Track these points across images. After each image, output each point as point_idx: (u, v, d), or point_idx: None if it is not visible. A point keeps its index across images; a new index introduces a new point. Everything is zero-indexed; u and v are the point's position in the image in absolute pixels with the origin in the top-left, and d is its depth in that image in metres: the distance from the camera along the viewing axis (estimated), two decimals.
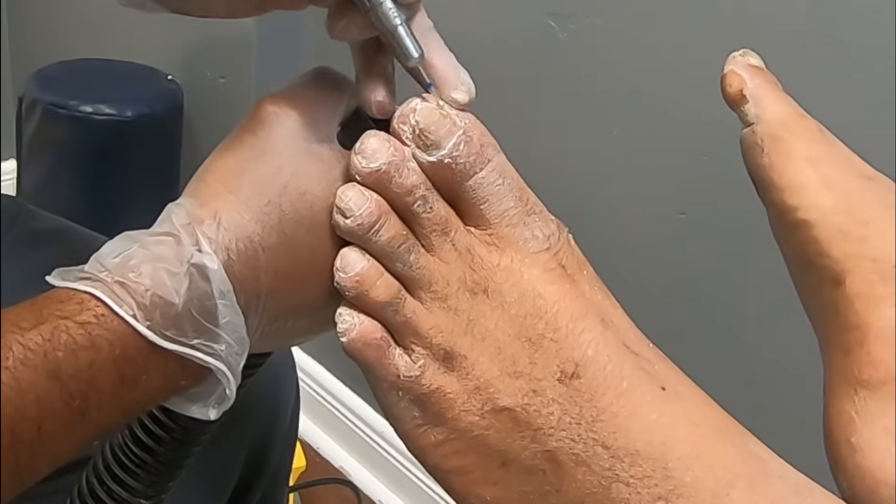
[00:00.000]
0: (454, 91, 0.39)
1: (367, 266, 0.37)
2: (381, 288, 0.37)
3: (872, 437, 0.34)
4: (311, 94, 0.41)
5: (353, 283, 0.37)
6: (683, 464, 0.34)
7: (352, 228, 0.37)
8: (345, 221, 0.37)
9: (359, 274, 0.37)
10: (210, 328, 0.35)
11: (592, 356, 0.36)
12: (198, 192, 0.38)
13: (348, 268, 0.38)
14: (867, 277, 0.35)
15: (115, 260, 0.35)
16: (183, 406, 0.38)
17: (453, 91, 0.39)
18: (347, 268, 0.38)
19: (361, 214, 0.37)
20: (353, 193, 0.37)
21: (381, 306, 0.38)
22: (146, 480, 0.43)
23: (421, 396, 0.37)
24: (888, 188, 0.36)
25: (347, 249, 0.38)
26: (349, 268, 0.37)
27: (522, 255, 0.38)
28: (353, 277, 0.37)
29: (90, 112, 1.42)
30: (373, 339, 0.38)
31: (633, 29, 0.98)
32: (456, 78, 0.39)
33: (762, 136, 0.37)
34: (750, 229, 0.83)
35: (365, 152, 0.37)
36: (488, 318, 0.37)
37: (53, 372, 0.32)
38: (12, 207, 0.71)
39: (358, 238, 0.38)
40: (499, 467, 0.37)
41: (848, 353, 0.35)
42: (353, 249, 0.38)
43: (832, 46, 0.84)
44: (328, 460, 1.46)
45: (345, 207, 0.37)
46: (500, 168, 0.38)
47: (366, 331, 0.38)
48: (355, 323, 0.38)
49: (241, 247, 0.36)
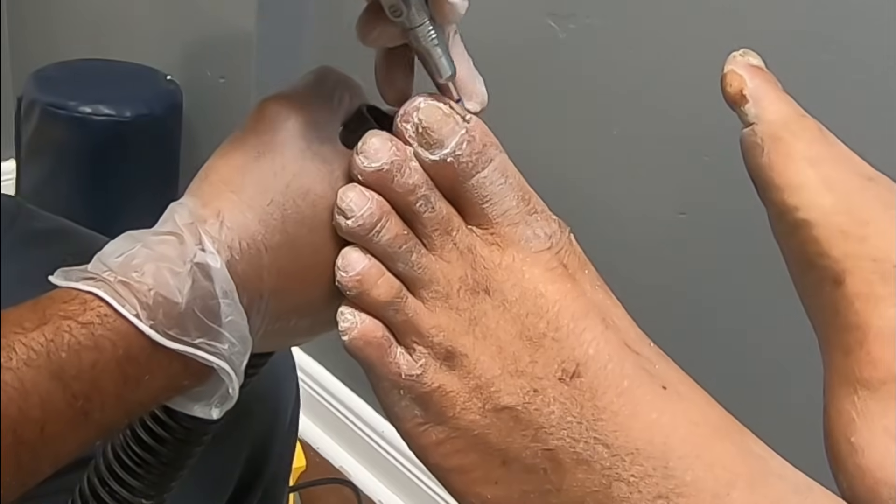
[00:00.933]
0: (468, 102, 0.39)
1: (369, 266, 0.38)
2: (382, 287, 0.37)
3: (872, 437, 0.34)
4: (313, 94, 0.41)
5: (355, 283, 0.38)
6: (684, 463, 0.34)
7: (353, 229, 0.37)
8: (346, 222, 0.37)
9: (360, 273, 0.37)
10: (213, 327, 0.35)
11: (593, 355, 0.36)
12: (200, 191, 0.38)
13: (349, 267, 0.38)
14: (867, 277, 0.35)
15: (118, 259, 0.35)
16: (186, 405, 0.38)
17: (468, 102, 0.39)
18: (348, 267, 0.38)
19: (363, 215, 0.37)
20: (353, 194, 0.37)
21: (383, 306, 0.38)
22: (148, 480, 0.43)
23: (422, 395, 0.38)
24: (888, 188, 0.37)
25: (348, 249, 0.38)
26: (350, 267, 0.38)
27: (524, 254, 0.38)
28: (355, 277, 0.37)
29: (89, 112, 1.42)
30: (374, 337, 0.38)
31: (633, 29, 0.98)
32: (473, 88, 0.39)
33: (762, 136, 0.37)
34: (750, 229, 0.83)
35: (367, 152, 0.37)
36: (489, 317, 0.37)
37: (57, 373, 0.32)
38: (12, 207, 0.71)
39: (359, 238, 0.38)
40: (499, 466, 0.37)
41: (848, 353, 0.35)
42: (354, 249, 0.38)
43: (832, 46, 0.84)
44: (328, 460, 1.46)
45: (346, 208, 0.37)
46: (503, 167, 0.38)
47: (367, 329, 0.38)
48: (357, 322, 0.38)
49: (244, 246, 0.36)
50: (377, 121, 0.41)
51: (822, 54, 0.84)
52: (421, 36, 0.37)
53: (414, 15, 0.36)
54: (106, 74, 1.53)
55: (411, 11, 0.36)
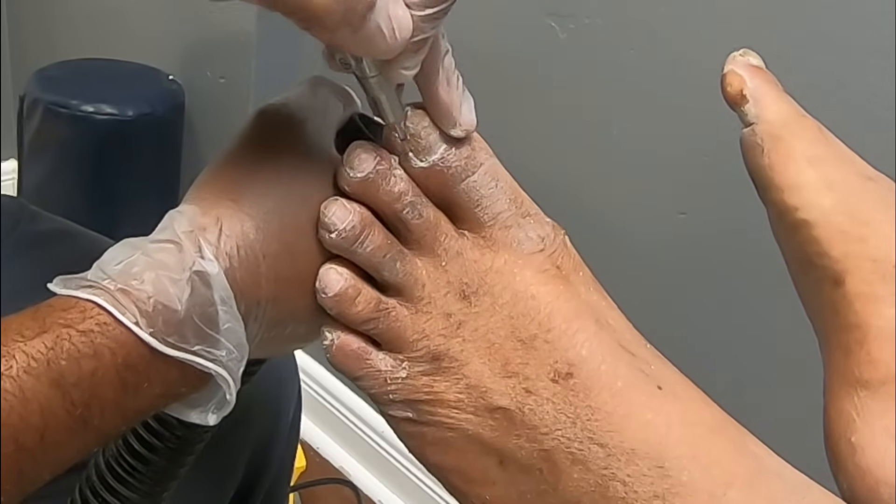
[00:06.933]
0: (451, 129, 0.38)
1: (345, 286, 0.38)
2: (360, 304, 0.38)
3: (872, 437, 0.34)
4: (308, 103, 0.41)
5: (333, 303, 0.38)
6: (680, 463, 0.34)
7: (336, 242, 0.38)
8: (329, 236, 0.38)
9: (337, 294, 0.38)
10: (211, 334, 0.35)
11: (586, 356, 0.36)
12: (199, 199, 0.38)
13: (327, 288, 0.38)
14: (867, 277, 0.35)
15: (118, 267, 0.35)
16: (183, 412, 0.38)
17: (451, 129, 0.38)
18: (326, 288, 0.38)
19: (345, 228, 0.38)
20: (335, 207, 0.38)
21: (363, 320, 0.38)
22: (141, 490, 0.42)
23: (411, 397, 0.38)
24: (888, 188, 0.37)
25: (324, 269, 0.39)
26: (328, 288, 0.38)
27: (516, 256, 0.38)
28: (333, 298, 0.38)
29: (91, 111, 1.42)
30: (351, 350, 0.39)
31: (633, 29, 0.98)
32: (456, 117, 0.38)
33: (762, 136, 0.37)
34: (750, 229, 0.83)
35: (352, 162, 0.38)
36: (479, 319, 0.37)
37: (56, 380, 0.32)
38: (14, 208, 0.71)
39: (343, 251, 0.38)
40: (496, 466, 0.37)
41: (848, 353, 0.35)
42: (330, 269, 0.38)
43: (832, 46, 0.84)
44: (328, 460, 1.46)
45: (329, 222, 0.38)
46: (493, 171, 0.39)
47: (343, 343, 0.39)
48: (333, 338, 0.39)
49: (243, 254, 0.37)
50: (369, 129, 0.42)
51: (822, 54, 0.84)
52: (367, 87, 0.38)
53: (364, 68, 0.37)
54: (108, 74, 1.53)
55: (361, 65, 0.37)
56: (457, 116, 0.38)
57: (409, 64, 0.36)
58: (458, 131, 0.38)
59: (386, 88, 0.38)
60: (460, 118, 0.38)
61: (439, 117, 0.38)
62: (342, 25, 0.32)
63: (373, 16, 0.32)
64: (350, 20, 0.32)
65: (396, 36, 0.33)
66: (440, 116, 0.38)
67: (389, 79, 0.37)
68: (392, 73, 0.37)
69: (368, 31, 0.33)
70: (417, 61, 0.36)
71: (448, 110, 0.38)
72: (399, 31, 0.33)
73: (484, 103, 0.40)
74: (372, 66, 0.37)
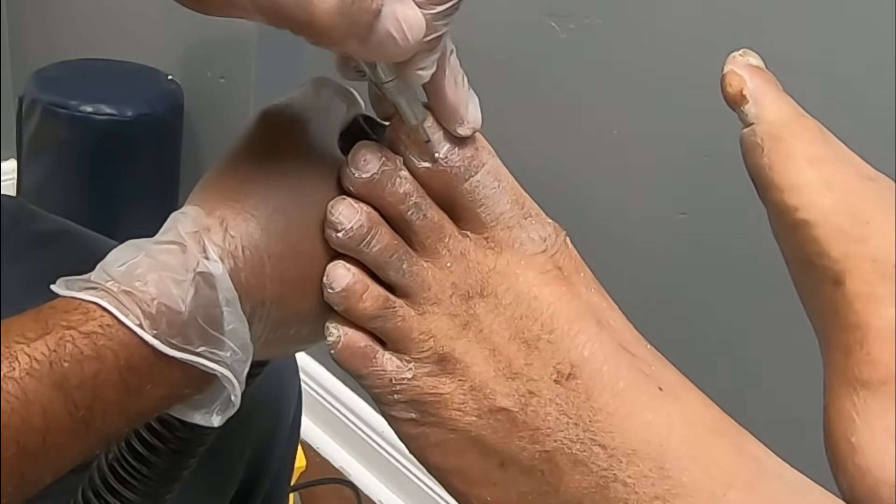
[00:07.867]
0: (458, 127, 0.38)
1: (353, 281, 0.38)
2: (367, 301, 0.38)
3: (872, 437, 0.34)
4: (312, 103, 0.41)
5: (341, 298, 0.38)
6: (680, 464, 0.34)
7: (343, 241, 0.38)
8: (336, 235, 0.38)
9: (345, 289, 0.38)
10: (215, 335, 0.35)
11: (588, 357, 0.36)
12: (203, 200, 0.38)
13: (335, 283, 0.38)
14: (867, 277, 0.35)
15: (121, 269, 0.34)
16: (186, 413, 0.38)
17: (458, 127, 0.38)
18: (334, 283, 0.38)
19: (352, 227, 0.38)
20: (342, 207, 0.38)
21: (370, 317, 0.38)
22: (143, 492, 0.42)
23: (416, 398, 0.38)
24: (888, 188, 0.37)
25: (332, 265, 0.38)
26: (336, 283, 0.38)
27: (518, 257, 0.38)
28: (340, 293, 0.38)
29: (90, 112, 1.42)
30: (358, 347, 0.38)
31: (633, 29, 0.98)
32: (463, 115, 0.38)
33: (762, 136, 0.37)
34: (750, 229, 0.83)
35: (357, 163, 0.38)
36: (483, 320, 0.37)
37: (59, 382, 0.32)
38: (14, 208, 0.71)
39: (350, 250, 0.38)
40: (497, 467, 0.37)
41: (848, 353, 0.35)
42: (339, 265, 0.38)
43: (832, 46, 0.84)
44: (328, 460, 1.46)
45: (336, 221, 0.38)
46: (496, 171, 0.39)
47: (350, 341, 0.39)
48: (340, 335, 0.39)
49: (248, 255, 0.36)
50: (373, 129, 0.42)
51: (821, 54, 0.84)
52: (385, 90, 0.37)
53: (379, 73, 0.37)
54: (107, 74, 1.53)
55: (376, 71, 0.36)
56: (464, 114, 0.38)
57: (425, 64, 0.36)
58: (465, 129, 0.38)
59: (405, 91, 0.37)
60: (467, 116, 0.38)
61: (446, 116, 0.38)
62: (349, 37, 0.32)
63: (379, 23, 0.32)
64: (356, 32, 0.32)
65: (409, 38, 0.33)
66: (447, 115, 0.38)
67: (407, 81, 0.37)
68: (409, 76, 0.36)
69: (377, 38, 0.32)
70: (433, 61, 0.36)
71: (455, 109, 0.38)
72: (411, 33, 0.33)
73: (484, 103, 0.40)
74: (387, 70, 0.36)
